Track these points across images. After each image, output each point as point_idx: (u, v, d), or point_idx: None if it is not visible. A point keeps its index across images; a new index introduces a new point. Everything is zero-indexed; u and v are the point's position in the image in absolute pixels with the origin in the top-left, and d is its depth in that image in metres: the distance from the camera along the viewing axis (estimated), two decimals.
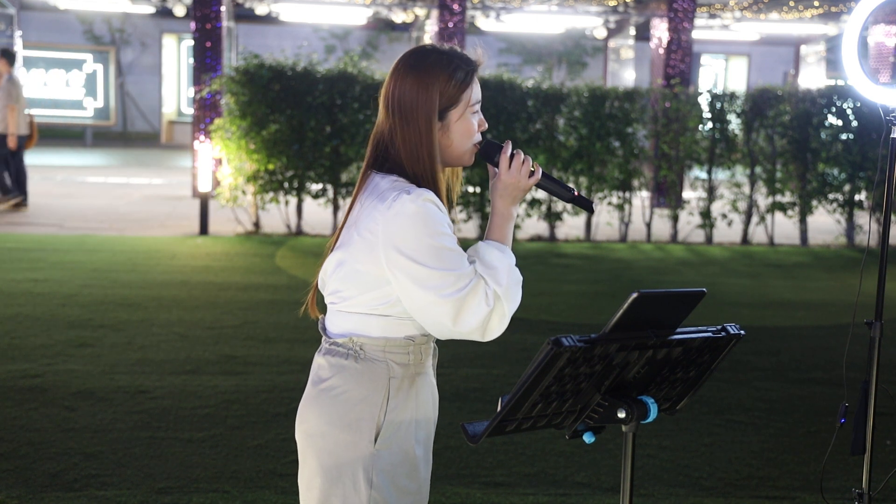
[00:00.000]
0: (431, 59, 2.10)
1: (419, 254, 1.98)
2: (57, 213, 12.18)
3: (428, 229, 1.99)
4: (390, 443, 2.08)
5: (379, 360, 2.08)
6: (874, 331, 3.02)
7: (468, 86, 2.11)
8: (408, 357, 2.10)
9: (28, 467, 4.04)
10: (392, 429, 2.08)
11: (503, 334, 2.06)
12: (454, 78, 2.09)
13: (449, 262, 1.99)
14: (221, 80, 11.41)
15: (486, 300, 1.98)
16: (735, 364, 5.95)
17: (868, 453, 3.04)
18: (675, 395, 1.99)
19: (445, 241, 2.00)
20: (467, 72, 2.11)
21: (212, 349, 5.95)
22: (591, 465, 4.26)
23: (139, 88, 27.44)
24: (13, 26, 16.40)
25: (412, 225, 1.99)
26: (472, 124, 2.12)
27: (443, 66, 2.09)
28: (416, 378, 2.12)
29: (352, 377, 2.08)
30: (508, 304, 2.01)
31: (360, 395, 2.07)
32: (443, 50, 2.12)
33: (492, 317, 2.00)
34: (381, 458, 2.07)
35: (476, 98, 2.13)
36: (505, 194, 2.11)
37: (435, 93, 2.07)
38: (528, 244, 11.21)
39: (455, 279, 1.98)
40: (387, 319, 2.08)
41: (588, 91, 11.58)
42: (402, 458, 2.09)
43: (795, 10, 18.94)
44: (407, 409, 2.10)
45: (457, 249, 2.01)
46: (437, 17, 15.58)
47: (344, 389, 2.08)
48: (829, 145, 11.63)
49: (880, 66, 14.97)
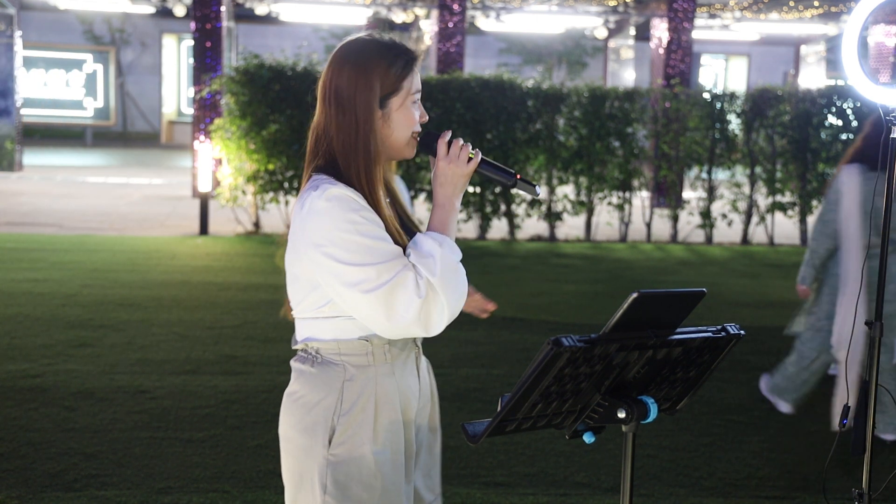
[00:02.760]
0: (370, 48, 2.05)
1: (335, 251, 1.93)
2: (57, 213, 12.18)
3: (340, 224, 1.93)
4: (345, 447, 2.02)
5: (335, 363, 2.04)
6: (874, 331, 3.01)
7: (408, 74, 2.05)
8: (366, 358, 2.04)
9: (28, 467, 4.04)
10: (346, 433, 2.02)
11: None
12: (394, 66, 2.03)
13: (369, 255, 1.92)
14: (221, 80, 11.41)
15: (416, 291, 1.91)
16: (735, 364, 5.94)
17: (868, 453, 3.03)
18: (675, 395, 1.99)
19: (362, 234, 1.93)
20: (407, 60, 2.05)
21: (212, 349, 5.95)
22: (591, 465, 4.26)
23: (139, 88, 27.45)
24: (13, 26, 16.39)
25: (323, 222, 1.94)
26: (413, 114, 2.07)
27: (382, 54, 2.04)
28: (378, 379, 2.05)
29: (308, 381, 2.06)
30: (446, 295, 1.93)
31: (315, 399, 2.04)
32: (382, 40, 2.07)
33: (429, 308, 1.92)
34: (335, 463, 2.01)
35: (417, 87, 2.07)
36: (445, 182, 2.05)
37: (375, 80, 2.02)
38: (528, 244, 11.21)
39: (377, 273, 1.91)
40: (335, 321, 2.03)
41: (588, 91, 11.58)
42: (358, 463, 2.02)
43: (795, 10, 18.94)
44: (364, 413, 2.03)
45: (379, 242, 1.94)
46: (436, 17, 15.58)
47: (302, 394, 2.06)
48: (829, 145, 11.63)
49: (880, 66, 14.97)
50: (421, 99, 2.11)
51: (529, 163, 11.53)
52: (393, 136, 2.06)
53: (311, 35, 26.66)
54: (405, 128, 2.06)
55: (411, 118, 2.06)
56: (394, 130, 2.05)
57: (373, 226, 1.96)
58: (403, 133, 2.06)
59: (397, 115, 2.05)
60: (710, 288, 7.72)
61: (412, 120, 2.07)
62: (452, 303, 1.95)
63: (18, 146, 16.92)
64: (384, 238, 1.96)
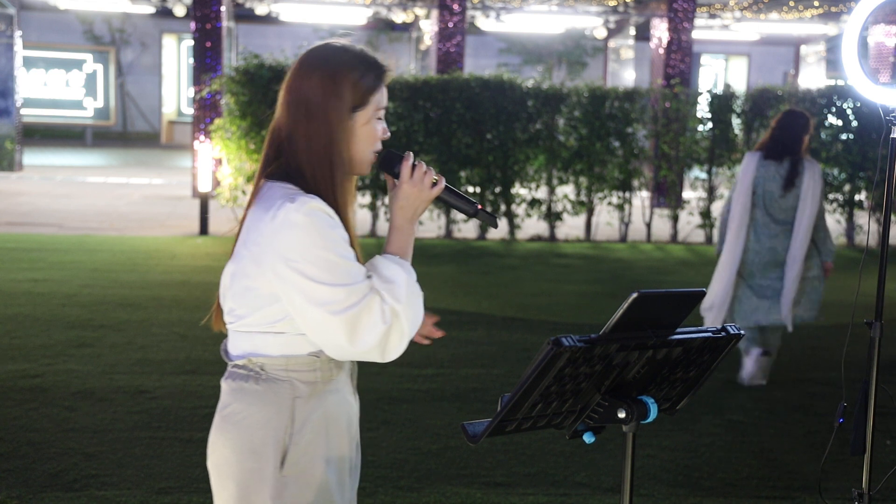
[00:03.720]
0: (342, 56, 1.96)
1: (308, 267, 1.84)
2: (57, 213, 12.18)
3: (316, 240, 1.85)
4: (298, 467, 1.94)
5: (282, 380, 1.94)
6: (874, 331, 3.01)
7: (377, 88, 1.98)
8: (315, 374, 1.96)
9: (28, 467, 4.04)
10: (299, 451, 1.94)
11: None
12: (365, 78, 1.96)
13: (341, 275, 1.84)
14: (221, 80, 11.42)
15: (382, 317, 1.85)
16: (735, 364, 5.95)
17: (868, 453, 3.04)
18: (675, 395, 1.99)
19: (336, 253, 1.86)
20: (377, 74, 1.98)
21: (212, 349, 5.95)
22: (591, 465, 4.25)
23: (139, 88, 27.45)
24: (13, 26, 16.39)
25: (299, 236, 1.85)
26: (377, 131, 1.99)
27: (353, 65, 1.96)
28: (326, 396, 1.98)
29: (253, 400, 1.95)
30: (408, 322, 1.88)
31: (264, 418, 1.93)
32: (353, 49, 1.99)
33: (390, 335, 1.86)
34: (289, 484, 1.93)
35: (383, 104, 2.00)
36: (406, 205, 1.97)
37: (345, 90, 1.94)
38: (528, 244, 11.22)
39: (346, 294, 1.83)
40: (285, 336, 1.93)
41: (588, 91, 11.58)
42: (311, 484, 1.95)
43: (795, 10, 18.95)
44: (316, 431, 1.96)
45: (350, 262, 1.87)
46: (436, 17, 15.58)
47: (246, 414, 1.95)
48: (829, 145, 11.63)
49: (880, 66, 14.96)
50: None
51: (529, 163, 11.53)
52: (354, 151, 1.98)
53: (311, 35, 26.62)
54: (367, 144, 1.98)
55: (374, 135, 1.99)
56: (356, 145, 1.97)
57: (345, 245, 1.89)
58: (365, 149, 1.98)
59: (362, 131, 1.97)
60: None
61: (375, 136, 1.99)
62: (411, 330, 1.90)
63: (18, 146, 16.92)
64: (353, 258, 1.90)
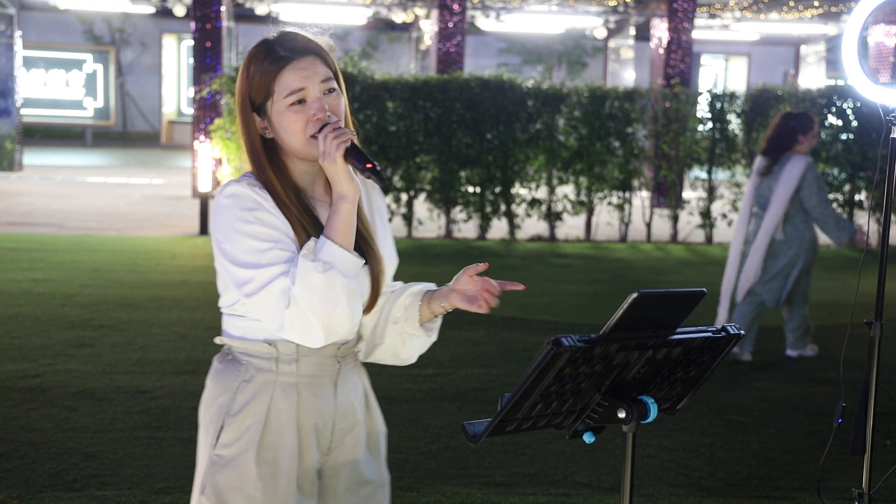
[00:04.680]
0: (251, 49, 1.97)
1: (228, 247, 1.89)
2: (57, 213, 12.18)
3: (231, 222, 1.88)
4: (229, 450, 1.93)
5: (240, 363, 1.97)
6: (874, 331, 3.01)
7: (275, 75, 1.91)
8: (270, 363, 1.95)
9: (28, 467, 4.04)
10: (232, 434, 1.93)
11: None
12: (261, 66, 1.92)
13: (252, 256, 1.85)
14: (221, 80, 11.42)
15: (283, 300, 1.83)
16: (735, 364, 5.95)
17: (868, 453, 3.03)
18: (675, 395, 1.99)
19: (248, 235, 1.86)
20: (274, 59, 1.91)
21: (212, 349, 5.93)
22: (591, 465, 4.25)
23: (139, 88, 27.44)
24: (13, 26, 16.39)
25: (221, 218, 1.91)
26: (291, 120, 1.91)
27: (253, 53, 1.95)
28: (278, 389, 1.95)
29: (213, 378, 2.01)
30: (310, 306, 1.81)
31: (213, 395, 1.98)
32: (267, 38, 1.96)
33: (294, 320, 1.83)
34: (218, 465, 1.94)
35: (290, 87, 1.90)
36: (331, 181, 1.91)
37: (243, 81, 1.95)
38: (528, 244, 11.22)
39: (256, 275, 1.84)
40: (243, 320, 1.96)
41: (588, 91, 11.58)
42: (239, 470, 1.92)
43: (795, 10, 18.94)
44: (255, 418, 1.93)
45: (263, 244, 1.86)
46: (436, 17, 15.58)
47: (206, 391, 2.01)
48: (829, 145, 11.63)
49: (880, 66, 14.96)
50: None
51: (529, 163, 11.53)
52: (282, 140, 1.95)
53: None
54: (290, 133, 1.92)
55: (288, 124, 1.91)
56: (281, 135, 1.94)
57: (264, 227, 1.88)
58: (292, 139, 1.93)
59: (278, 121, 1.93)
60: (710, 288, 7.70)
61: (290, 126, 1.92)
62: (323, 315, 1.82)
63: (18, 146, 16.92)
64: (274, 241, 1.87)
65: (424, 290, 2.06)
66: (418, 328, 2.03)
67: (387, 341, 2.07)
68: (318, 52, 1.96)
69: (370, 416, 2.12)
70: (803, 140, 6.01)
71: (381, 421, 2.15)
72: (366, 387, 2.12)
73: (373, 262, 2.00)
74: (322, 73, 1.93)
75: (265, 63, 1.92)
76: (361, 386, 2.10)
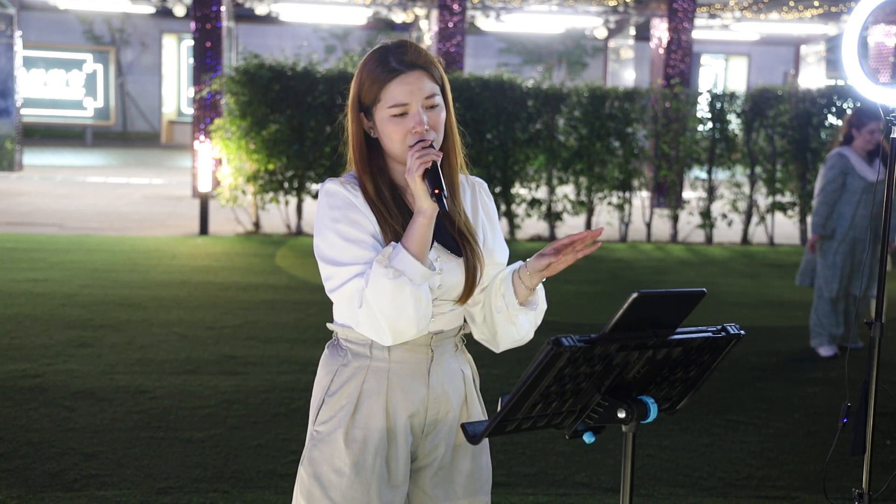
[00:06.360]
0: (367, 57, 2.07)
1: (319, 241, 2.01)
2: (57, 213, 12.18)
3: (323, 219, 2.02)
4: (325, 426, 2.07)
5: (341, 348, 2.11)
6: (874, 331, 3.01)
7: (384, 84, 2.01)
8: (367, 349, 2.07)
9: (28, 467, 4.04)
10: (328, 412, 2.07)
11: None
12: (373, 73, 2.02)
13: (337, 253, 1.97)
14: (221, 80, 11.42)
15: (356, 300, 1.94)
16: (735, 364, 5.94)
17: (868, 453, 3.03)
18: (675, 395, 1.99)
19: (335, 233, 1.98)
20: (389, 69, 2.01)
21: (212, 349, 5.95)
22: (591, 465, 4.25)
23: (139, 88, 27.45)
24: (13, 26, 16.39)
25: (318, 212, 2.05)
26: (392, 129, 2.01)
27: (368, 58, 2.06)
28: (370, 374, 2.07)
29: (322, 361, 2.16)
30: (380, 308, 1.91)
31: (319, 377, 2.14)
32: (385, 44, 2.06)
33: (367, 320, 1.94)
34: (316, 440, 2.08)
35: (394, 100, 2.00)
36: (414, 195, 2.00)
37: (356, 83, 2.06)
38: (528, 244, 11.21)
39: (336, 273, 1.97)
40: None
41: (588, 91, 11.58)
42: (331, 446, 2.06)
43: (795, 10, 18.95)
44: (347, 398, 2.06)
45: (347, 244, 1.97)
46: (436, 17, 15.58)
47: (318, 374, 2.16)
48: (830, 145, 11.62)
49: (880, 66, 14.96)
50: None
51: (529, 163, 11.53)
52: (386, 144, 2.06)
53: (311, 35, 26.66)
54: (391, 141, 2.03)
55: (390, 133, 2.02)
56: (383, 139, 2.05)
57: (350, 226, 1.99)
58: (391, 146, 2.04)
59: (381, 127, 2.04)
60: (710, 288, 7.73)
61: (391, 136, 2.02)
62: (390, 318, 1.92)
63: (18, 146, 16.92)
64: (357, 241, 1.98)
65: (512, 271, 2.14)
66: (519, 308, 2.11)
67: (500, 330, 2.16)
68: (427, 66, 2.04)
69: (467, 404, 2.22)
70: (857, 135, 6.12)
71: (479, 410, 2.26)
72: (467, 376, 2.22)
73: (469, 257, 2.09)
74: (427, 88, 2.02)
75: (377, 71, 2.02)
76: (461, 375, 2.20)
